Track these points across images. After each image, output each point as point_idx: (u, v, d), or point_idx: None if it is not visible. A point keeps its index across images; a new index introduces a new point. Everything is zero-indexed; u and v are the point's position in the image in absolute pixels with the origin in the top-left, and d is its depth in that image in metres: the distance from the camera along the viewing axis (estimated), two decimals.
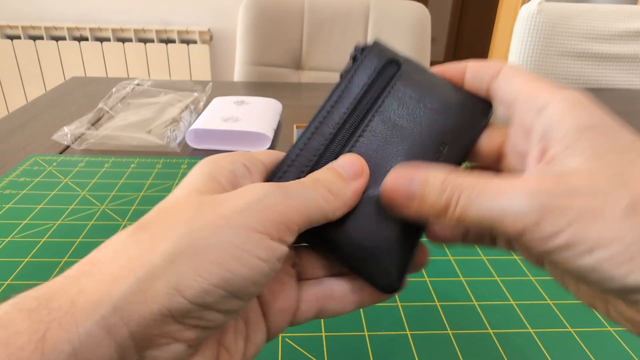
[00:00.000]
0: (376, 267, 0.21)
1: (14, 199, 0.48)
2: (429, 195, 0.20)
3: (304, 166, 0.22)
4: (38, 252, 0.40)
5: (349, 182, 0.21)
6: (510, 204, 0.18)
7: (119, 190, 0.51)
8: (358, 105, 0.23)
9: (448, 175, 0.20)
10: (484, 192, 0.19)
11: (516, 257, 0.43)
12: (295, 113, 0.80)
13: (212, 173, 0.20)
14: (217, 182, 0.20)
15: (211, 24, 2.20)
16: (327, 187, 0.20)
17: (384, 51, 0.25)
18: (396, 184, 0.21)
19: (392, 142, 0.23)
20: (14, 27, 2.13)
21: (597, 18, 1.14)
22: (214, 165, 0.21)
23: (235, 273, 0.17)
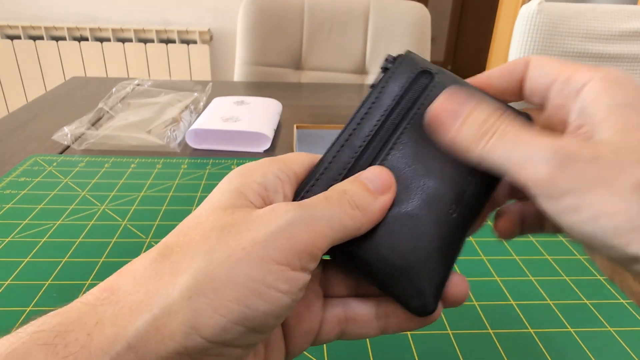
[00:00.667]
0: (409, 286, 0.20)
1: (14, 199, 0.48)
2: (471, 123, 0.20)
3: (333, 180, 0.21)
4: (38, 252, 0.40)
5: (376, 195, 0.20)
6: (532, 155, 0.18)
7: (119, 190, 0.51)
8: (389, 118, 0.23)
9: (494, 112, 0.20)
10: (515, 138, 0.19)
11: (516, 257, 0.43)
12: (295, 113, 0.80)
13: (239, 188, 0.20)
14: (244, 198, 0.19)
15: (211, 24, 2.20)
16: (353, 202, 0.20)
17: (416, 61, 0.24)
18: (447, 103, 0.21)
19: (425, 155, 0.22)
20: (14, 27, 2.13)
21: (597, 18, 1.14)
22: (243, 178, 0.20)
23: (255, 309, 0.16)
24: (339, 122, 0.76)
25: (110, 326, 0.16)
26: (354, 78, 1.24)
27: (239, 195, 0.19)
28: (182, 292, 0.16)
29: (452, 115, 0.21)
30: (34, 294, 0.35)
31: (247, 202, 0.19)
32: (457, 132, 0.20)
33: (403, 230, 0.20)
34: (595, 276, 0.40)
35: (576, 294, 0.38)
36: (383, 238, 0.20)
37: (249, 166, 0.21)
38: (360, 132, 0.22)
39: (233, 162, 0.59)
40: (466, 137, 0.20)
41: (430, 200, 0.21)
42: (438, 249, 0.21)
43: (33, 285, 0.36)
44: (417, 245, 0.20)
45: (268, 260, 0.17)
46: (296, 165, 0.22)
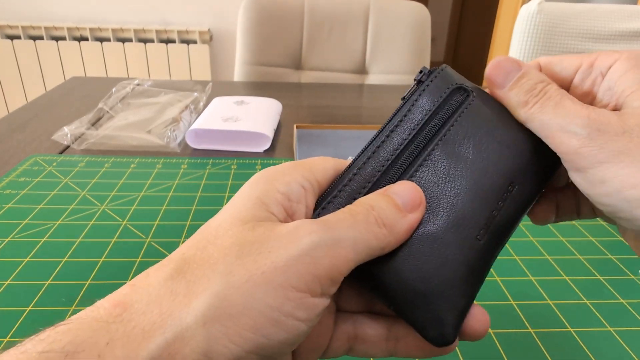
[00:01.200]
0: (428, 313, 0.19)
1: (14, 199, 0.48)
2: (523, 84, 0.22)
3: (357, 192, 0.20)
4: (38, 252, 0.40)
5: (405, 213, 0.19)
6: (567, 125, 0.20)
7: (119, 190, 0.51)
8: (420, 132, 0.22)
9: (545, 79, 0.22)
10: (555, 106, 0.20)
11: (516, 257, 0.43)
12: (295, 113, 0.80)
13: (262, 197, 0.19)
14: (265, 209, 0.18)
15: (211, 24, 2.20)
16: (380, 219, 0.18)
17: (452, 77, 0.23)
18: (505, 61, 0.22)
19: (455, 175, 0.21)
20: (14, 27, 2.13)
21: (597, 18, 1.14)
22: (266, 185, 0.19)
23: (271, 338, 0.16)
24: (339, 122, 0.76)
25: (121, 347, 0.15)
26: (354, 78, 1.24)
27: (261, 205, 0.18)
28: (197, 317, 0.15)
29: (506, 73, 0.22)
30: (34, 294, 0.35)
31: (268, 213, 0.18)
32: (508, 91, 0.22)
33: (427, 253, 0.19)
34: (595, 276, 0.40)
35: (576, 294, 0.38)
36: (405, 259, 0.19)
37: (273, 172, 0.20)
38: (388, 145, 0.21)
39: (233, 162, 0.59)
40: (516, 96, 0.22)
41: (458, 223, 0.20)
42: (463, 276, 0.19)
43: (33, 285, 0.36)
44: (440, 271, 0.19)
45: (287, 287, 0.16)
46: (320, 173, 0.21)
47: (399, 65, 1.20)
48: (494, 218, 0.21)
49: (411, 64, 1.20)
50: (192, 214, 0.46)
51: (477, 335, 0.20)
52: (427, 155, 0.21)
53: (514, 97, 0.22)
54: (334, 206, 0.20)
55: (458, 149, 0.21)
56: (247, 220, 0.18)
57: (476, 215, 0.20)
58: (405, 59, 1.20)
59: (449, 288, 0.19)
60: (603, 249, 0.44)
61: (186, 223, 0.45)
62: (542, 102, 0.21)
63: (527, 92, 0.21)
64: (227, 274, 0.16)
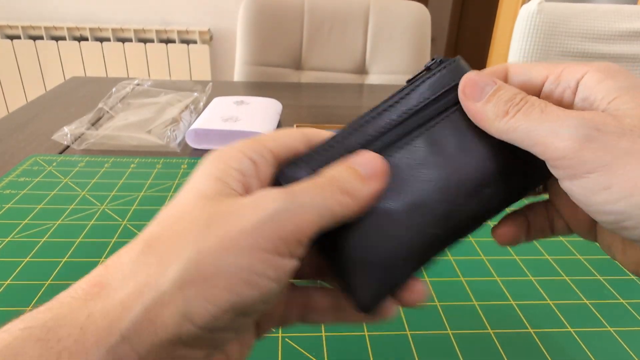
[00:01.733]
0: (361, 279, 0.20)
1: (14, 199, 0.48)
2: (501, 96, 0.21)
3: (332, 159, 0.21)
4: (38, 252, 0.40)
5: (367, 181, 0.20)
6: (558, 129, 0.18)
7: (119, 190, 0.51)
8: (410, 118, 0.22)
9: (520, 92, 0.21)
10: (541, 114, 0.19)
11: (516, 257, 0.43)
12: (295, 113, 0.80)
13: (219, 176, 0.19)
14: (225, 184, 0.19)
15: (211, 24, 2.20)
16: (343, 187, 0.19)
17: (462, 71, 0.23)
18: (479, 76, 0.22)
19: (429, 164, 0.21)
20: (14, 27, 2.13)
21: (597, 18, 1.14)
22: (220, 164, 0.20)
23: (245, 296, 0.16)
24: (338, 121, 0.76)
25: (102, 319, 0.15)
26: (354, 78, 1.24)
27: (220, 182, 0.19)
28: (173, 282, 0.16)
29: (481, 88, 0.21)
30: (33, 294, 0.35)
31: (229, 189, 0.19)
32: (485, 103, 0.21)
33: (379, 226, 0.20)
34: (595, 276, 0.40)
35: (576, 294, 0.38)
36: (356, 228, 0.20)
37: (225, 152, 0.20)
38: (376, 123, 0.22)
39: None
40: (494, 107, 0.21)
41: (415, 208, 0.21)
42: (403, 256, 0.20)
43: (33, 285, 0.36)
44: (385, 245, 0.20)
45: (257, 249, 0.17)
46: (274, 144, 0.21)
47: (399, 65, 1.20)
48: (455, 215, 0.21)
49: (411, 64, 1.20)
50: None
51: (410, 305, 0.21)
52: (409, 140, 0.22)
53: (491, 109, 0.21)
54: (303, 170, 0.21)
55: (441, 142, 0.22)
56: (210, 197, 0.18)
57: (436, 206, 0.21)
58: (405, 59, 1.20)
59: (388, 263, 0.20)
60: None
61: None
62: (526, 110, 0.20)
63: (507, 102, 0.21)
64: (198, 242, 0.17)
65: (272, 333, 0.32)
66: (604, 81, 0.20)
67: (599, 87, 0.20)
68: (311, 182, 0.19)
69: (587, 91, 0.20)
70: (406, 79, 0.23)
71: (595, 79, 0.20)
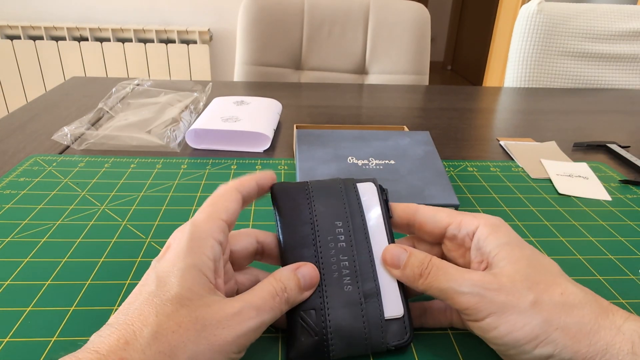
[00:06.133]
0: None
1: (14, 199, 0.48)
2: (411, 265, 0.29)
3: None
4: (38, 252, 0.40)
5: (303, 292, 0.29)
6: (460, 288, 0.27)
7: (119, 190, 0.51)
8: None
9: (427, 256, 0.29)
10: (446, 274, 0.28)
11: None
12: (295, 113, 0.80)
13: (198, 266, 0.26)
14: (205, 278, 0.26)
15: (211, 24, 2.20)
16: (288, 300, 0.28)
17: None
18: (392, 252, 0.30)
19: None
20: (14, 27, 2.13)
21: (597, 18, 1.14)
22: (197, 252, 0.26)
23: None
24: (338, 122, 0.76)
25: None
26: (354, 78, 1.24)
27: (200, 276, 0.25)
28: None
29: (397, 257, 0.30)
30: (34, 294, 0.35)
31: (207, 281, 0.26)
32: (403, 271, 0.30)
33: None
34: (595, 276, 0.40)
35: None
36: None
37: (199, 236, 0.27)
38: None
39: (233, 162, 0.59)
40: (409, 275, 0.29)
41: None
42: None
43: (33, 285, 0.36)
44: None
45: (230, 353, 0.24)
46: (225, 215, 0.29)
47: (399, 65, 1.20)
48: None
49: (411, 64, 1.20)
50: (192, 214, 0.46)
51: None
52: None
53: (409, 273, 0.29)
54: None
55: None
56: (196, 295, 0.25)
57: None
58: (405, 59, 1.20)
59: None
60: (603, 249, 0.44)
61: None
62: (433, 273, 0.28)
63: (418, 266, 0.29)
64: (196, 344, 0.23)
65: (272, 333, 0.32)
66: (490, 236, 0.29)
67: (486, 242, 0.29)
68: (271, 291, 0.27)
69: (479, 243, 0.30)
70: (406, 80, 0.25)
71: (484, 233, 0.30)
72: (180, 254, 0.26)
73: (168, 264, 0.26)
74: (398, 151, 0.54)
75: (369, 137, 0.57)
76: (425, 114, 0.83)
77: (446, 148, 0.67)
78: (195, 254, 0.26)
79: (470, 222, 0.31)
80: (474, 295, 0.26)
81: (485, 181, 0.57)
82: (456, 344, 0.32)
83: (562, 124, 0.80)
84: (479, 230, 0.30)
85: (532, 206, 0.51)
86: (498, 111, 0.87)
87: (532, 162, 0.62)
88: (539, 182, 0.57)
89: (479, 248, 0.30)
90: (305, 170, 0.50)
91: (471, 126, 0.77)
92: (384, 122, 0.77)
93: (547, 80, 1.16)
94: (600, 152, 0.68)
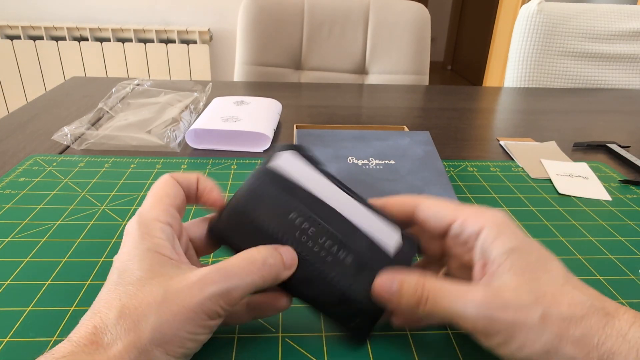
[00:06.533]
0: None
1: (14, 199, 0.48)
2: (405, 294, 0.28)
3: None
4: (38, 252, 0.40)
5: (285, 269, 0.28)
6: (465, 310, 0.26)
7: (119, 190, 0.51)
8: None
9: (419, 279, 0.28)
10: (446, 296, 0.27)
11: None
12: (295, 113, 0.80)
13: (154, 249, 0.26)
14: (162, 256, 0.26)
15: (211, 24, 2.20)
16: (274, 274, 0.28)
17: None
18: (381, 285, 0.29)
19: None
20: (14, 27, 2.13)
21: (597, 18, 1.14)
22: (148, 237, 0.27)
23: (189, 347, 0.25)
24: (339, 122, 0.76)
25: None
26: (354, 78, 1.24)
27: (158, 256, 0.26)
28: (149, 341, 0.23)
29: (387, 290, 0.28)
30: (34, 294, 0.35)
31: (167, 259, 0.26)
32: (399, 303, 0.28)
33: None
34: (596, 276, 0.40)
35: None
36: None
37: (144, 224, 0.27)
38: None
39: (233, 162, 0.59)
40: (408, 303, 0.28)
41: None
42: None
43: (33, 285, 0.36)
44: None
45: (198, 319, 0.24)
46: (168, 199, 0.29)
47: (399, 65, 1.20)
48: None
49: (411, 64, 1.20)
50: (192, 214, 0.46)
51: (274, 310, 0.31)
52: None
53: (406, 303, 0.28)
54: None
55: None
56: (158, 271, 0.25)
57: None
58: (405, 59, 1.20)
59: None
60: (603, 249, 0.44)
61: None
62: (432, 297, 0.27)
63: (413, 295, 0.27)
64: (159, 314, 0.24)
65: (272, 333, 0.32)
66: (497, 240, 0.28)
67: (492, 246, 0.28)
68: (249, 257, 0.27)
69: (484, 246, 0.29)
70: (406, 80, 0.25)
71: (491, 235, 0.28)
72: (134, 242, 0.26)
73: (125, 254, 0.26)
74: (398, 151, 0.54)
75: (369, 137, 0.57)
76: (425, 114, 0.83)
77: (446, 148, 0.67)
78: (147, 239, 0.26)
79: (474, 221, 0.30)
80: (481, 318, 0.26)
81: (485, 181, 0.57)
82: (456, 344, 0.32)
83: (562, 124, 0.80)
84: (484, 233, 0.29)
85: (532, 206, 0.51)
86: (498, 111, 0.87)
87: (532, 162, 0.62)
88: (539, 182, 0.57)
89: (483, 251, 0.29)
90: None
91: (471, 126, 0.77)
92: (384, 122, 0.77)
93: (547, 80, 1.16)
94: (600, 152, 0.68)
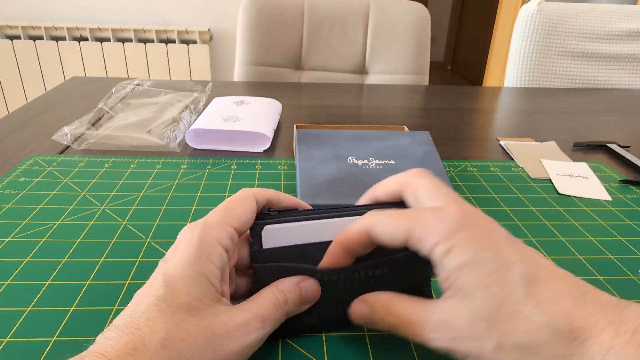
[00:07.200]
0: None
1: (14, 199, 0.48)
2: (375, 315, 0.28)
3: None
4: (38, 252, 0.40)
5: (302, 305, 0.29)
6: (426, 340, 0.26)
7: (119, 190, 0.51)
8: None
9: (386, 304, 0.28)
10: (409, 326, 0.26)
11: None
12: (295, 113, 0.80)
13: (206, 275, 0.26)
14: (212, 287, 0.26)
15: (211, 24, 2.20)
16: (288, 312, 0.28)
17: None
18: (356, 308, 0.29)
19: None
20: (14, 27, 2.13)
21: (597, 18, 1.14)
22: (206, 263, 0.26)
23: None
24: (338, 122, 0.76)
25: None
26: (354, 78, 1.24)
27: (207, 284, 0.26)
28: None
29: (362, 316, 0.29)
30: (34, 294, 0.35)
31: (214, 291, 0.26)
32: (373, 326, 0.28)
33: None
34: (596, 276, 0.40)
35: None
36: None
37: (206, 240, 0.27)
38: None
39: (233, 162, 0.59)
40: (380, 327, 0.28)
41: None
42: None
43: (33, 285, 0.36)
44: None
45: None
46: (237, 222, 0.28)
47: (399, 65, 1.20)
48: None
49: (411, 64, 1.20)
50: (192, 214, 0.46)
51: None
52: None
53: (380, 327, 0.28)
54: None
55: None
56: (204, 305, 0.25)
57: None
58: (405, 59, 1.20)
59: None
60: (603, 249, 0.44)
61: (186, 223, 0.45)
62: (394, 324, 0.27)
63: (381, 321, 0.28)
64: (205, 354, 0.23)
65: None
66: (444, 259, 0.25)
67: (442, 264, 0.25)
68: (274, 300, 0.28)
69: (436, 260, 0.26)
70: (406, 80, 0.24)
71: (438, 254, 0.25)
72: (190, 260, 0.26)
73: (177, 268, 0.25)
74: (398, 151, 0.54)
75: (369, 137, 0.57)
76: (425, 114, 0.83)
77: (446, 148, 0.67)
78: (203, 262, 0.26)
79: (425, 236, 0.26)
80: (440, 347, 0.25)
81: (485, 181, 0.57)
82: None
83: (562, 124, 0.80)
84: (436, 249, 0.25)
85: (532, 206, 0.51)
86: (498, 111, 0.87)
87: (532, 162, 0.62)
88: (539, 182, 0.57)
89: (437, 265, 0.26)
90: (305, 170, 0.50)
91: (471, 126, 0.77)
92: (384, 122, 0.77)
93: (547, 80, 1.16)
94: (600, 152, 0.68)
